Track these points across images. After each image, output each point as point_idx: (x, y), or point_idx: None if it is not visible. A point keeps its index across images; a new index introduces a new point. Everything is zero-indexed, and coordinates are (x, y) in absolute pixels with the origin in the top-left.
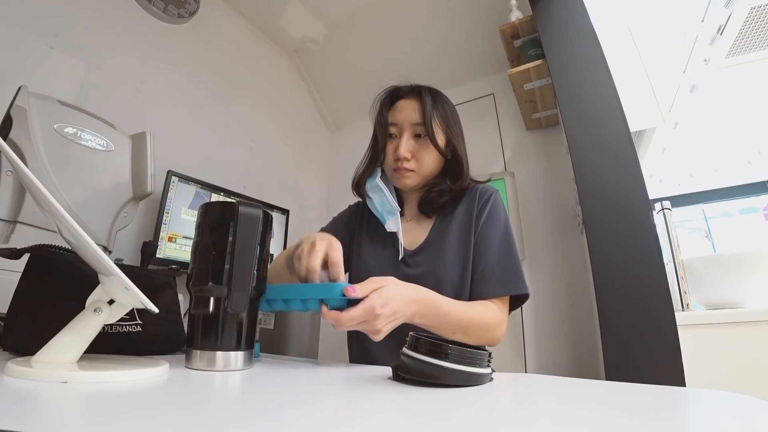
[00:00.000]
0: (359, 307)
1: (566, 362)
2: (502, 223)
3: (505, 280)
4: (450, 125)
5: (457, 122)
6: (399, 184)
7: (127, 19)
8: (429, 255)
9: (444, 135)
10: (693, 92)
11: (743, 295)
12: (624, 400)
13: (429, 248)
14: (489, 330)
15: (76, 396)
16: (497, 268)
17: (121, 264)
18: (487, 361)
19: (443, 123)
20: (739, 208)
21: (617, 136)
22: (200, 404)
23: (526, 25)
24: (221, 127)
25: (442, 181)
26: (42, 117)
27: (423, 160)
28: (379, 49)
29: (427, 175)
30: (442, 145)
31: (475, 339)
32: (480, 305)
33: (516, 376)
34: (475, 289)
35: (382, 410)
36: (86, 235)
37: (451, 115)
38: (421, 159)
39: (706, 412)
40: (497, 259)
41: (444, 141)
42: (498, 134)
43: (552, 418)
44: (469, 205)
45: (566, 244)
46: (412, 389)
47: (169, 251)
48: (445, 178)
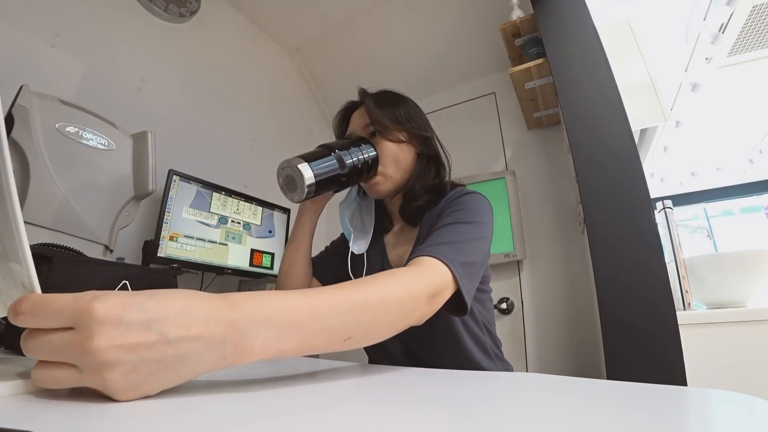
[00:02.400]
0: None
1: (567, 361)
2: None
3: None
4: (403, 119)
5: (414, 116)
6: (373, 193)
7: (129, 18)
8: None
9: (401, 130)
10: (695, 91)
11: (745, 294)
12: (625, 400)
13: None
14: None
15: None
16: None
17: (123, 263)
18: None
19: (393, 117)
20: (741, 207)
21: (619, 135)
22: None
23: (527, 24)
24: (222, 125)
25: (417, 183)
26: (43, 116)
27: (396, 160)
28: (380, 48)
29: (395, 176)
30: (399, 138)
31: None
32: (379, 276)
33: (517, 375)
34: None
35: (371, 406)
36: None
37: (405, 109)
38: (395, 160)
39: (708, 411)
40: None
41: (403, 136)
42: (499, 133)
43: (552, 418)
44: (439, 206)
45: (567, 243)
46: (397, 389)
47: (171, 250)
48: (420, 179)
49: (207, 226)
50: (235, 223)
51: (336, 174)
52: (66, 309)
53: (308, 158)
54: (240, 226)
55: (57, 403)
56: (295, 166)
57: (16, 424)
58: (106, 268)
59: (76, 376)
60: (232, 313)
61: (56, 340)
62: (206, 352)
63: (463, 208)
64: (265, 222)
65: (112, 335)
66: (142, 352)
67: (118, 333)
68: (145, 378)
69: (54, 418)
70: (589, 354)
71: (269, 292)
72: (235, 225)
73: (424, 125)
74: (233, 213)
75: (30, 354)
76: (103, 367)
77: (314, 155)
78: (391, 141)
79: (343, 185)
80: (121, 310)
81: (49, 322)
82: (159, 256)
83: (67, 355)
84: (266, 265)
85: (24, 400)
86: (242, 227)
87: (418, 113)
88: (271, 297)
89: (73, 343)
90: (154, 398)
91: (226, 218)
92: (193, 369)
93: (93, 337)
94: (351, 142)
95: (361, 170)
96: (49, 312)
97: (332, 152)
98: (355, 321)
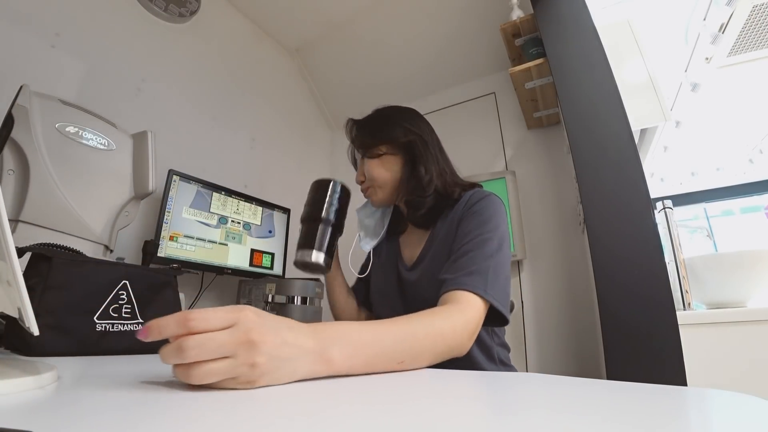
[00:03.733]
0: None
1: (567, 361)
2: (488, 223)
3: (469, 278)
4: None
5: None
6: (372, 203)
7: (129, 18)
8: (422, 270)
9: (380, 145)
10: (695, 91)
11: (745, 294)
12: (625, 400)
13: (422, 263)
14: (449, 341)
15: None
16: (460, 268)
17: (123, 263)
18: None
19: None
20: (741, 207)
21: (619, 135)
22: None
23: (528, 24)
24: (222, 125)
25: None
26: (43, 116)
27: (373, 175)
28: (380, 48)
29: (387, 187)
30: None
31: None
32: (427, 313)
33: (517, 375)
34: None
35: (366, 408)
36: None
37: (384, 124)
38: (372, 175)
39: (708, 411)
40: (465, 258)
41: (383, 149)
42: (499, 133)
43: (553, 418)
44: (457, 212)
45: (567, 242)
46: (398, 388)
47: (171, 250)
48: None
49: (207, 226)
50: (235, 223)
51: (333, 233)
52: (224, 316)
53: (308, 244)
54: (240, 226)
55: (57, 403)
56: (308, 260)
57: (17, 424)
58: (106, 268)
59: (232, 364)
60: (317, 333)
61: (220, 337)
62: (304, 357)
63: (482, 219)
64: (265, 222)
65: (262, 332)
66: (275, 350)
67: (264, 332)
68: (274, 370)
69: (54, 418)
70: (589, 354)
71: (342, 323)
72: (235, 225)
73: (407, 132)
74: (233, 213)
75: (191, 358)
76: (257, 354)
77: (310, 236)
78: (372, 157)
79: (341, 229)
80: (262, 319)
81: (215, 326)
82: (159, 256)
83: (228, 349)
84: (266, 265)
85: (24, 400)
86: (242, 227)
87: (400, 122)
88: (344, 325)
89: (235, 337)
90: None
91: (226, 218)
92: (296, 369)
93: (250, 332)
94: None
95: (343, 208)
96: (211, 320)
97: (318, 222)
98: (407, 349)
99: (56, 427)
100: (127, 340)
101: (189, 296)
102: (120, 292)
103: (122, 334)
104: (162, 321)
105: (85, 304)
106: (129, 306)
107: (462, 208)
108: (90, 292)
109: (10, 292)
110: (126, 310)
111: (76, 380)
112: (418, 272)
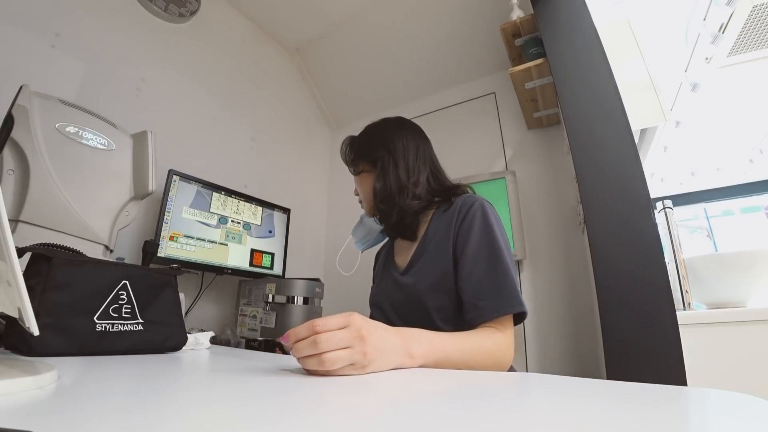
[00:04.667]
0: (340, 317)
1: (567, 361)
2: (487, 237)
3: (500, 302)
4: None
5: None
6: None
7: (129, 19)
8: (414, 273)
9: (359, 163)
10: (695, 91)
11: (745, 294)
12: (625, 400)
13: (413, 267)
14: (496, 357)
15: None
16: (488, 291)
17: (123, 263)
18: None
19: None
20: (741, 207)
21: (618, 135)
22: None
23: (528, 24)
24: (222, 125)
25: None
26: (43, 116)
27: (361, 191)
28: (380, 48)
29: (367, 202)
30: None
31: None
32: (477, 335)
33: (517, 375)
34: (471, 316)
35: (368, 408)
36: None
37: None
38: (360, 191)
39: (708, 411)
40: (487, 280)
41: (360, 167)
42: (499, 133)
43: (553, 418)
44: (448, 220)
45: (567, 242)
46: (395, 388)
47: (171, 250)
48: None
49: (207, 226)
50: (235, 223)
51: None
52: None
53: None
54: (240, 226)
55: (57, 403)
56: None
57: (17, 424)
58: (106, 268)
59: (350, 352)
60: (402, 335)
61: (340, 333)
62: (395, 350)
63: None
64: (265, 222)
65: (369, 329)
66: (378, 343)
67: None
68: (377, 358)
69: (54, 418)
70: (589, 354)
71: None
72: (235, 225)
73: (376, 148)
74: (233, 213)
75: (323, 348)
76: (367, 345)
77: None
78: (355, 174)
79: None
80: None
81: (333, 327)
82: (159, 256)
83: (347, 341)
84: (266, 265)
85: (24, 400)
86: (242, 227)
87: (376, 138)
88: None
89: (351, 334)
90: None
91: (226, 218)
92: (391, 359)
93: (361, 329)
94: None
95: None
96: (330, 323)
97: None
98: (465, 358)
99: (56, 427)
100: (127, 340)
101: (189, 296)
102: (120, 292)
103: (122, 334)
104: (295, 328)
105: (85, 304)
106: (129, 306)
107: (456, 217)
108: (90, 292)
109: (10, 292)
110: (126, 310)
111: (76, 380)
112: (412, 277)
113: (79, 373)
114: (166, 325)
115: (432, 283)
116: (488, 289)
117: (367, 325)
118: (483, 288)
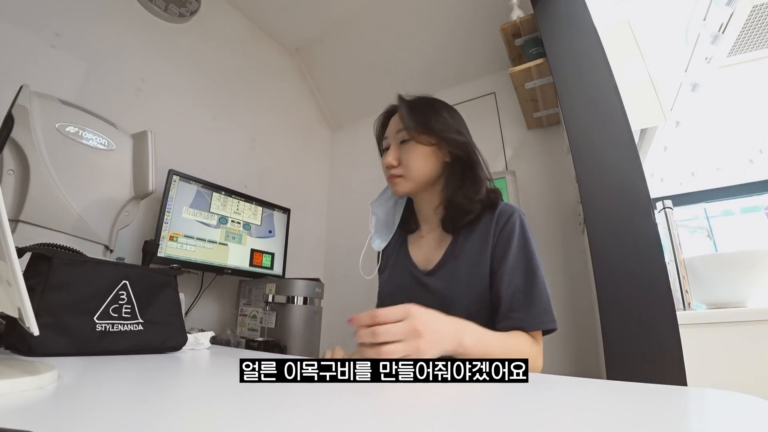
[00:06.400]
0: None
1: (567, 361)
2: (525, 251)
3: (534, 316)
4: (434, 124)
5: (447, 123)
6: (393, 192)
7: (129, 19)
8: (443, 276)
9: (430, 135)
10: (695, 91)
11: (745, 294)
12: (625, 400)
13: (443, 268)
14: (532, 362)
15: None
16: (524, 305)
17: (123, 263)
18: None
19: (423, 122)
20: (741, 207)
21: (619, 135)
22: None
23: (528, 24)
24: (222, 126)
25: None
26: (43, 116)
27: (410, 162)
28: (380, 48)
29: (418, 179)
30: (430, 142)
31: None
32: (517, 337)
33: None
34: (503, 325)
35: (366, 412)
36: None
37: (437, 116)
38: (408, 162)
39: (708, 411)
40: (523, 294)
41: (432, 141)
42: (499, 133)
43: (552, 418)
44: (487, 227)
45: (567, 242)
46: (396, 390)
47: (171, 250)
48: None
49: (207, 226)
50: (235, 223)
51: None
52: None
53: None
54: (240, 226)
55: (57, 403)
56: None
57: (17, 424)
58: (106, 268)
59: (404, 345)
60: (455, 325)
61: (397, 326)
62: (448, 339)
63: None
64: (265, 222)
65: (424, 322)
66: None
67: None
68: (428, 350)
69: (54, 418)
70: (589, 354)
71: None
72: (235, 225)
73: (458, 132)
74: (233, 213)
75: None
76: (420, 340)
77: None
78: (420, 144)
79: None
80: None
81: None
82: (159, 256)
83: (402, 334)
84: (266, 265)
85: (24, 400)
86: (242, 227)
87: (452, 121)
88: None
89: (407, 328)
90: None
91: (226, 218)
92: (444, 348)
93: (417, 324)
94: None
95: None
96: (390, 315)
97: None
98: (506, 354)
99: (56, 427)
100: (126, 340)
101: (189, 296)
102: (120, 292)
103: (122, 334)
104: (359, 315)
105: (85, 304)
106: (129, 306)
107: (494, 227)
108: (90, 292)
109: (10, 292)
110: (126, 310)
111: (76, 380)
112: (440, 280)
113: (79, 373)
114: (166, 325)
115: (465, 290)
116: (524, 303)
117: (423, 319)
118: (518, 301)
